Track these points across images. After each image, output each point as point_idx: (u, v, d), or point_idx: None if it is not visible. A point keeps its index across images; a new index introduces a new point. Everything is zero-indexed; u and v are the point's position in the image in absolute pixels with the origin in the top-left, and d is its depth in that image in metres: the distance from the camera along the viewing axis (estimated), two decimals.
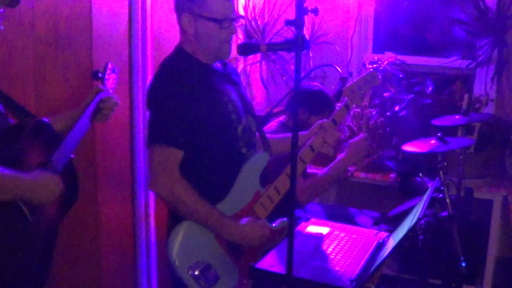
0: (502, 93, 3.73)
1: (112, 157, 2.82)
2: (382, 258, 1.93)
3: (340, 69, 3.14)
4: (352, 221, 3.23)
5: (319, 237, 2.17)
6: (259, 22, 4.03)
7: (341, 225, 2.31)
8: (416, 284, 3.29)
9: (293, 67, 2.51)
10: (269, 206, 2.30)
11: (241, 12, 3.89)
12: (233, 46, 2.25)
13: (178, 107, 2.12)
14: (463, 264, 2.73)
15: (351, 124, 3.71)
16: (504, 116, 3.69)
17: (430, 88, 3.81)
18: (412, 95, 3.78)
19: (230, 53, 2.27)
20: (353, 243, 2.14)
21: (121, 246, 2.94)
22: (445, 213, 2.79)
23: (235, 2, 3.63)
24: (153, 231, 3.07)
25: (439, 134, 2.91)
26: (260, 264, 1.93)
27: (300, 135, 2.39)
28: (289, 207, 1.70)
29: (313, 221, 2.34)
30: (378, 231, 2.25)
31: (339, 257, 2.01)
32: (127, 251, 2.99)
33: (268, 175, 2.35)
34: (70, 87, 2.50)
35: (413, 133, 3.46)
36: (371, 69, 2.75)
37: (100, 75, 2.21)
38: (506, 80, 3.71)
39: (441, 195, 2.80)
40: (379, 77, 2.67)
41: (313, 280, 1.84)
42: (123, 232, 2.95)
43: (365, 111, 3.67)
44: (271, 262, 1.95)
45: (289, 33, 3.73)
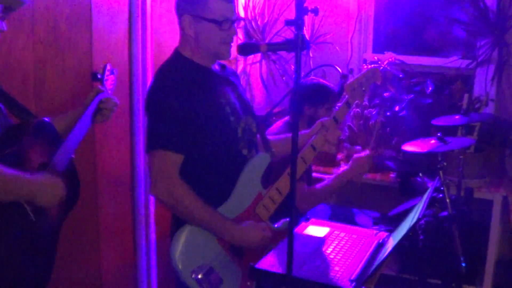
0: (502, 93, 3.72)
1: (112, 157, 2.82)
2: (382, 258, 1.93)
3: (340, 69, 3.15)
4: (352, 221, 3.23)
5: (319, 237, 2.17)
6: (259, 22, 4.03)
7: (341, 225, 2.30)
8: (416, 284, 3.29)
9: (293, 67, 2.51)
10: (271, 207, 2.29)
11: (241, 12, 3.89)
12: (233, 46, 2.25)
13: (176, 112, 2.10)
14: (463, 264, 2.74)
15: (351, 124, 3.71)
16: (504, 116, 3.69)
17: (430, 88, 3.80)
18: (412, 95, 3.78)
19: (230, 55, 2.26)
20: (353, 243, 2.13)
21: (121, 246, 2.95)
22: (445, 213, 2.79)
23: (235, 3, 3.63)
24: (153, 231, 3.07)
25: (439, 134, 2.92)
26: (260, 264, 1.93)
27: (302, 135, 2.38)
28: (289, 207, 1.70)
29: (313, 221, 2.33)
30: (378, 231, 2.24)
31: (339, 257, 2.01)
32: (127, 251, 2.99)
33: (270, 176, 2.34)
34: (70, 87, 2.50)
35: (413, 133, 3.47)
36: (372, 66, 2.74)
37: (99, 76, 2.22)
38: (506, 80, 3.70)
39: (441, 195, 2.81)
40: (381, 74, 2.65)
41: (313, 280, 1.84)
42: (123, 232, 2.95)
43: (365, 111, 3.67)
44: (271, 262, 1.95)
45: (289, 33, 3.72)
